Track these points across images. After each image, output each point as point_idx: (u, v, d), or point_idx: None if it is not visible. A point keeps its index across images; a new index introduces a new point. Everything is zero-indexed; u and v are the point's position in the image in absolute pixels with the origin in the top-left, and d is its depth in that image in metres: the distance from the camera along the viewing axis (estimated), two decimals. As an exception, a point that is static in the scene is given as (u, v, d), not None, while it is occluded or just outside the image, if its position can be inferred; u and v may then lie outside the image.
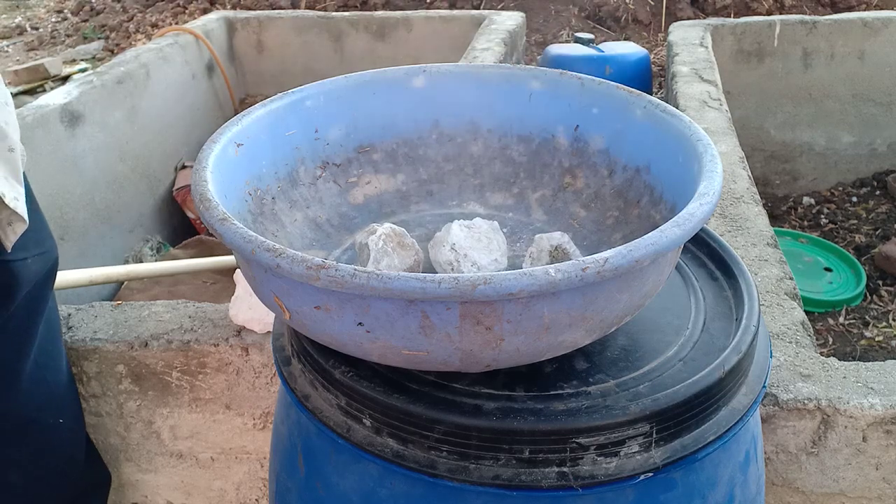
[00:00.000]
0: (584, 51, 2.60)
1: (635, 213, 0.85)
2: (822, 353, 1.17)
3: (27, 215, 0.93)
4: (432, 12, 3.00)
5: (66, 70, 3.93)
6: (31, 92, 3.70)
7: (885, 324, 1.99)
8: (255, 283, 0.70)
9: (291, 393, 0.77)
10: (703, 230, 0.90)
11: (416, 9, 3.78)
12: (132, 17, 4.53)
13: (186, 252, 2.22)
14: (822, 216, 2.56)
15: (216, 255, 1.81)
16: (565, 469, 0.65)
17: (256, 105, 0.87)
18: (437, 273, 0.69)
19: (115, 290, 2.04)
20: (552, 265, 0.57)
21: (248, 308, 1.15)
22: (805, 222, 2.55)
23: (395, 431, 0.68)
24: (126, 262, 2.21)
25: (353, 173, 0.95)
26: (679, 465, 0.67)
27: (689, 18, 3.48)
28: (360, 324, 0.62)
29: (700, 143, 0.75)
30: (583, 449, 0.65)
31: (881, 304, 2.10)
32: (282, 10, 3.38)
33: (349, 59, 2.92)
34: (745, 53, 2.58)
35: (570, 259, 0.76)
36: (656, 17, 3.67)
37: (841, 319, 2.02)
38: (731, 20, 2.62)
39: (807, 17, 2.58)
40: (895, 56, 2.55)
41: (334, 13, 3.03)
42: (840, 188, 2.70)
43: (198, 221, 2.46)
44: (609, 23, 3.70)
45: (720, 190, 0.68)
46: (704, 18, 3.22)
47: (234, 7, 4.21)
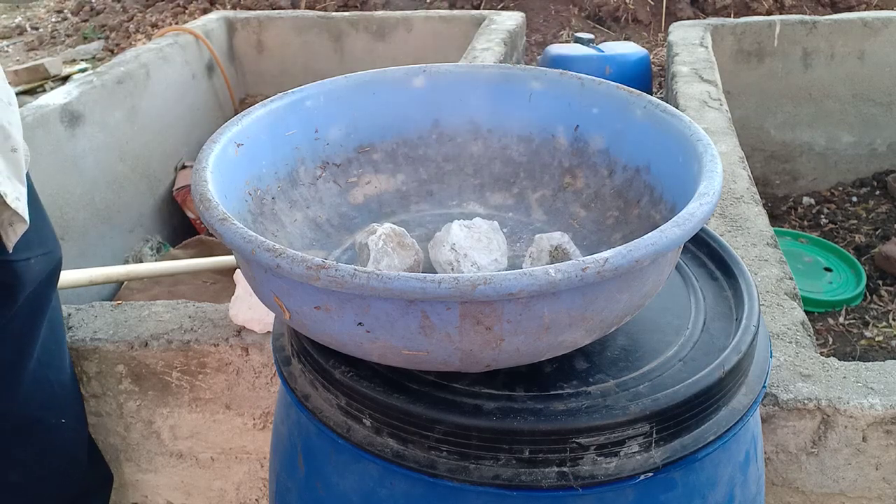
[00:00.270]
0: (584, 51, 2.60)
1: (635, 213, 0.85)
2: (822, 353, 1.17)
3: (28, 216, 0.93)
4: (432, 12, 3.00)
5: (66, 70, 3.93)
6: (31, 92, 3.70)
7: (885, 324, 1.99)
8: (255, 283, 0.70)
9: (291, 393, 0.77)
10: (703, 230, 0.90)
11: (416, 9, 3.78)
12: (132, 17, 4.53)
13: (186, 252, 2.22)
14: (822, 216, 2.56)
15: (216, 255, 1.81)
16: (565, 469, 0.65)
17: (256, 105, 0.87)
18: (437, 273, 0.69)
19: (115, 290, 2.04)
20: (552, 265, 0.57)
21: (248, 308, 1.15)
22: (805, 222, 2.55)
23: (395, 431, 0.68)
24: (126, 262, 2.21)
25: (353, 173, 0.95)
26: (679, 465, 0.67)
27: (689, 18, 3.48)
28: (360, 324, 0.62)
29: (700, 143, 0.75)
30: (583, 449, 0.65)
31: (881, 304, 2.10)
32: (282, 10, 3.38)
33: (349, 59, 2.92)
34: (745, 53, 2.58)
35: (570, 259, 0.76)
36: (656, 17, 3.67)
37: (841, 319, 2.02)
38: (731, 20, 2.62)
39: (807, 17, 2.58)
40: (895, 56, 2.55)
41: (334, 13, 3.03)
42: (840, 188, 2.70)
43: (198, 221, 2.46)
44: (609, 23, 3.70)
45: (720, 190, 0.68)
46: (704, 18, 3.22)
47: (234, 7, 4.21)
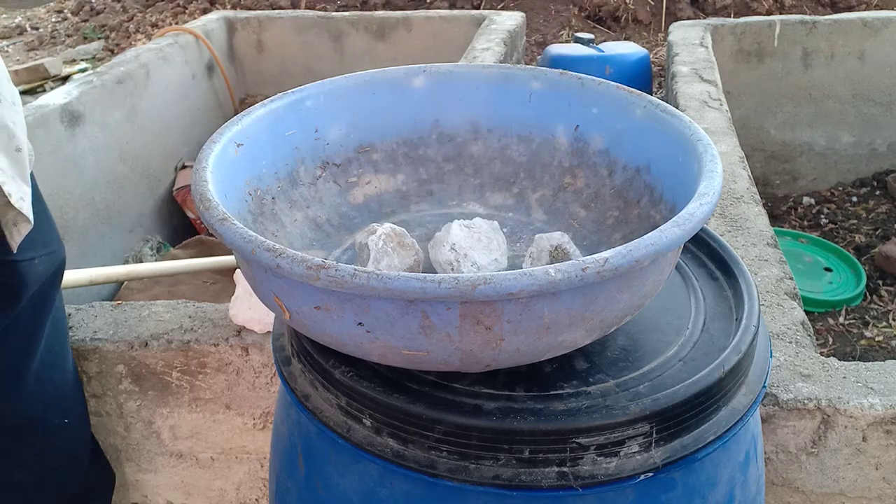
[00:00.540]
0: (584, 51, 2.60)
1: (635, 213, 0.85)
2: (822, 353, 1.17)
3: (32, 216, 0.93)
4: (432, 12, 3.00)
5: (66, 70, 3.93)
6: (31, 92, 3.70)
7: (885, 324, 1.99)
8: (255, 283, 0.70)
9: (291, 393, 0.77)
10: (703, 230, 0.90)
11: (416, 9, 3.78)
12: (132, 17, 4.54)
13: (186, 252, 2.22)
14: (822, 216, 2.56)
15: (216, 255, 1.81)
16: (565, 469, 0.65)
17: (256, 105, 0.87)
18: (437, 273, 0.69)
19: (115, 290, 2.04)
20: (552, 265, 0.57)
21: (248, 308, 1.15)
22: (805, 222, 2.55)
23: (395, 431, 0.68)
24: (126, 262, 2.21)
25: (353, 173, 0.95)
26: (679, 465, 0.67)
27: (689, 18, 3.48)
28: (360, 324, 0.62)
29: (700, 143, 0.75)
30: (583, 449, 0.65)
31: (881, 304, 2.10)
32: (282, 10, 3.38)
33: (349, 59, 2.92)
34: (745, 53, 2.58)
35: (570, 259, 0.76)
36: (656, 17, 3.67)
37: (841, 319, 2.02)
38: (731, 20, 2.62)
39: (807, 17, 2.58)
40: (895, 56, 2.55)
41: (334, 13, 3.03)
42: (840, 188, 2.70)
43: (198, 221, 2.46)
44: (609, 23, 3.70)
45: (720, 190, 0.68)
46: (704, 18, 3.22)
47: (234, 7, 4.21)
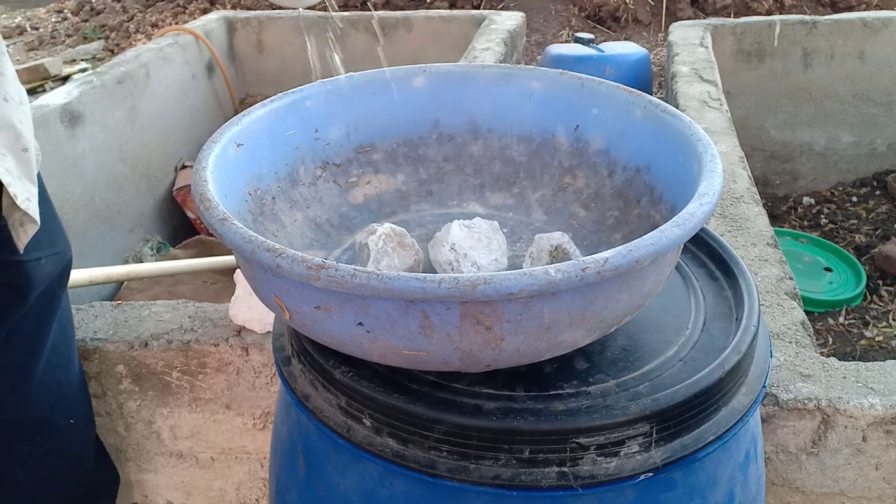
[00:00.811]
0: (584, 51, 2.60)
1: (635, 213, 0.85)
2: (822, 353, 1.17)
3: (39, 216, 0.93)
4: (432, 12, 3.00)
5: (66, 70, 3.93)
6: (32, 92, 3.70)
7: (885, 324, 1.99)
8: (255, 283, 0.70)
9: (291, 393, 0.77)
10: (703, 230, 0.90)
11: (416, 9, 3.78)
12: (132, 17, 4.53)
13: (186, 252, 2.22)
14: (822, 216, 2.56)
15: (216, 255, 1.81)
16: (565, 469, 0.65)
17: (256, 105, 0.87)
18: (437, 273, 0.69)
19: (115, 290, 2.04)
20: (552, 265, 0.57)
21: (248, 308, 1.15)
22: (805, 222, 2.55)
23: (395, 431, 0.68)
24: (126, 262, 2.21)
25: (353, 173, 0.95)
26: (679, 465, 0.67)
27: (689, 18, 3.48)
28: (360, 324, 0.62)
29: (700, 143, 0.75)
30: (583, 449, 0.65)
31: (881, 304, 2.10)
32: (282, 10, 3.38)
33: (349, 59, 2.91)
34: (745, 53, 2.58)
35: (570, 259, 0.76)
36: (656, 17, 3.67)
37: (841, 319, 2.02)
38: (731, 20, 2.62)
39: (807, 17, 2.58)
40: (895, 56, 2.55)
41: (334, 13, 3.03)
42: (840, 188, 2.70)
43: (198, 221, 2.46)
44: (609, 23, 3.70)
45: (720, 190, 0.68)
46: (704, 18, 3.22)
47: (234, 7, 4.21)
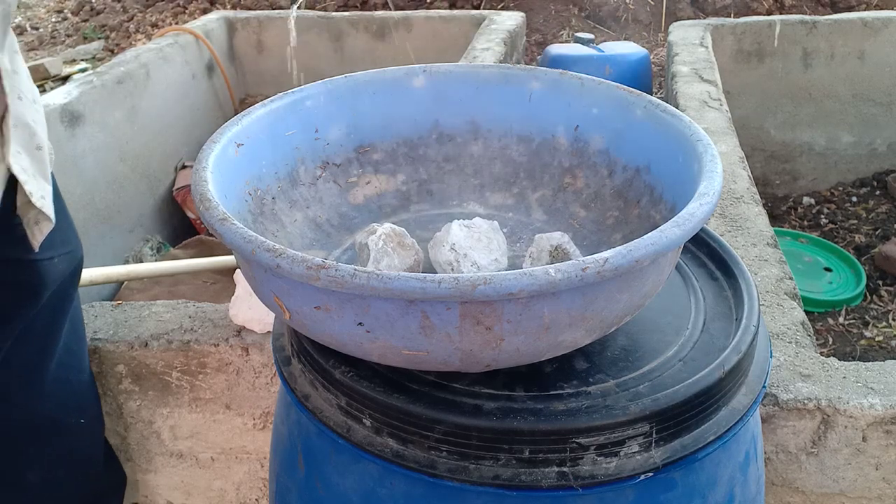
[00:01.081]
0: (584, 51, 2.60)
1: (635, 213, 0.85)
2: (822, 353, 1.17)
3: (54, 215, 0.93)
4: (432, 12, 3.00)
5: (66, 70, 3.93)
6: (31, 92, 3.70)
7: (885, 324, 1.99)
8: (255, 283, 0.70)
9: (291, 393, 0.77)
10: (703, 230, 0.90)
11: (416, 9, 3.78)
12: (132, 17, 4.53)
13: (186, 252, 2.22)
14: (822, 216, 2.56)
15: (216, 255, 1.81)
16: (565, 469, 0.65)
17: (256, 105, 0.87)
18: (437, 273, 0.69)
19: (115, 290, 2.04)
20: (552, 265, 0.57)
21: (248, 308, 1.15)
22: (805, 222, 2.55)
23: (395, 431, 0.68)
24: (126, 262, 2.21)
25: (353, 173, 0.95)
26: (679, 465, 0.67)
27: (689, 18, 3.48)
28: (360, 324, 0.62)
29: (700, 143, 0.75)
30: (583, 449, 0.65)
31: (881, 304, 2.10)
32: (282, 10, 3.38)
33: (349, 59, 2.92)
34: (745, 53, 2.58)
35: (570, 259, 0.76)
36: (656, 17, 3.67)
37: (841, 319, 2.02)
38: (731, 20, 2.62)
39: (807, 17, 2.58)
40: (895, 56, 2.55)
41: (334, 13, 3.03)
42: (840, 188, 2.70)
43: (198, 221, 2.46)
44: (609, 23, 3.70)
45: (720, 190, 0.68)
46: (704, 18, 3.22)
47: (234, 7, 4.20)
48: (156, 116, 2.45)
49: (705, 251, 0.89)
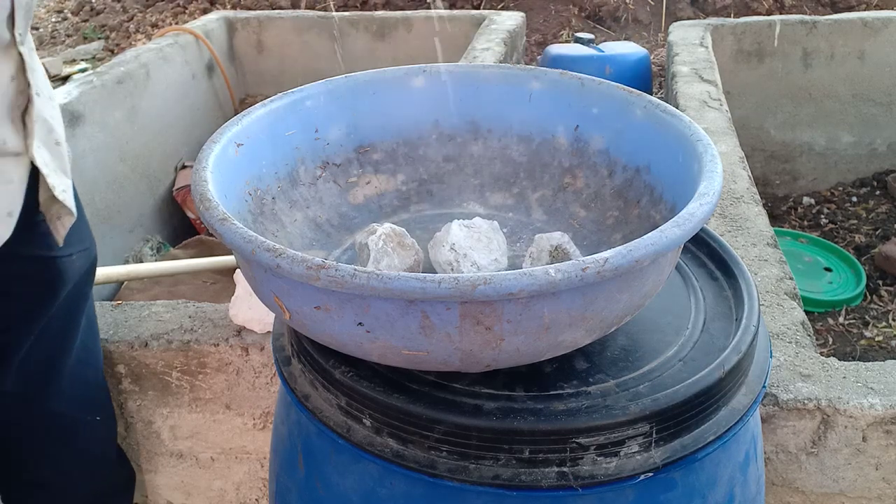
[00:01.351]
0: (584, 51, 2.60)
1: (635, 213, 0.85)
2: (822, 353, 1.17)
3: (75, 209, 0.95)
4: (432, 12, 2.99)
5: (66, 70, 3.93)
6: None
7: (885, 324, 1.99)
8: (255, 283, 0.70)
9: (291, 393, 0.77)
10: (703, 230, 0.90)
11: (416, 9, 3.78)
12: (132, 17, 4.53)
13: (186, 252, 2.22)
14: (822, 216, 2.56)
15: (216, 255, 1.81)
16: (565, 469, 0.65)
17: (256, 105, 0.87)
18: (437, 273, 0.69)
19: (115, 290, 2.04)
20: (552, 265, 0.57)
21: (248, 308, 1.15)
22: (805, 222, 2.55)
23: (395, 431, 0.68)
24: (126, 262, 2.21)
25: (353, 173, 0.95)
26: (679, 465, 0.67)
27: (689, 18, 3.48)
28: (360, 324, 0.62)
29: (700, 143, 0.75)
30: (583, 449, 0.65)
31: (881, 304, 2.10)
32: (282, 10, 3.38)
33: (349, 59, 2.92)
34: (745, 53, 2.58)
35: (570, 259, 0.76)
36: (656, 17, 3.67)
37: (841, 319, 2.02)
38: (731, 20, 2.62)
39: (807, 17, 2.58)
40: (895, 56, 2.55)
41: (334, 13, 3.03)
42: (840, 188, 2.70)
43: (198, 221, 2.46)
44: (609, 23, 3.70)
45: (720, 190, 0.68)
46: (704, 18, 3.22)
47: (234, 7, 4.20)
48: (156, 116, 2.45)
49: (705, 251, 0.89)
